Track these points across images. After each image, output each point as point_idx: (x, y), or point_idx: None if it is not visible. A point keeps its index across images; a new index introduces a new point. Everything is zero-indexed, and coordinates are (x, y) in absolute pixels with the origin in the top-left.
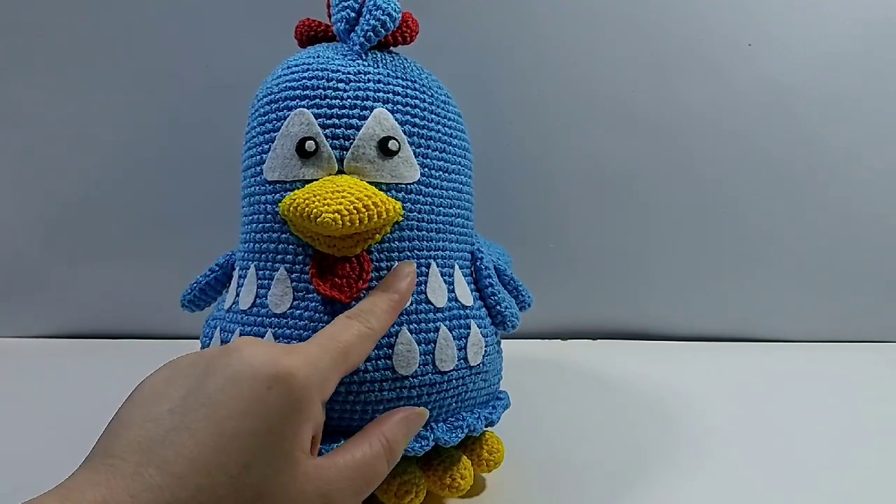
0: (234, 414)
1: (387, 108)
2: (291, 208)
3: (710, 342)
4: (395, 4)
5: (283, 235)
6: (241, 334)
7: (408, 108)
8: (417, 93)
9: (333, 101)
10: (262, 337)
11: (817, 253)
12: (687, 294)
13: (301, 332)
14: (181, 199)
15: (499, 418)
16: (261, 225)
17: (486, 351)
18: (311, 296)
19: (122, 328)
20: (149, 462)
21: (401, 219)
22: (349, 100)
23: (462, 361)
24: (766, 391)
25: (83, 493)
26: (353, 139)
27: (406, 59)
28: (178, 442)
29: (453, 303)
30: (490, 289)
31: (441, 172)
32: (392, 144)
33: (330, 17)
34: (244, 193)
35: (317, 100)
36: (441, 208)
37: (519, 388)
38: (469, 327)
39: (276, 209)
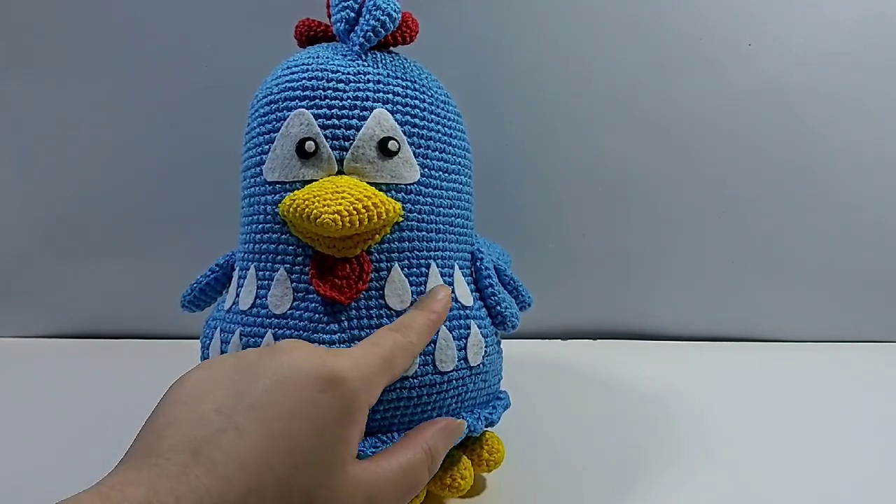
0: (283, 415)
1: (386, 109)
2: (291, 209)
3: (710, 342)
4: (394, 4)
5: (283, 236)
6: (241, 335)
7: (407, 108)
8: (417, 93)
9: (333, 101)
10: (262, 338)
11: (817, 253)
12: (687, 294)
13: (301, 332)
14: (181, 198)
15: (499, 418)
16: (261, 225)
17: (486, 351)
18: (311, 296)
19: (122, 328)
20: (196, 463)
21: (401, 219)
22: (349, 100)
23: (462, 362)
24: (766, 391)
25: (124, 493)
26: (353, 140)
27: (406, 60)
28: (226, 443)
29: (453, 303)
30: (490, 289)
31: (441, 173)
32: (392, 145)
33: (330, 17)
34: (244, 194)
35: (316, 100)
36: (441, 209)
37: (519, 388)
38: (469, 328)
39: (276, 210)
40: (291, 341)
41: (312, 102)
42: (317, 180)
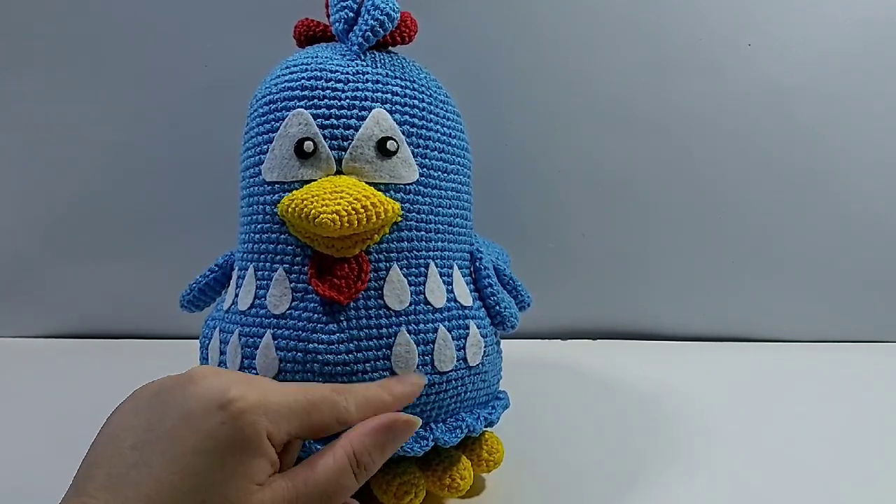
0: (188, 451)
1: (385, 109)
2: (290, 209)
3: (710, 342)
4: (393, 4)
5: (282, 236)
6: (240, 335)
7: (406, 108)
8: (416, 93)
9: (332, 101)
10: (261, 338)
11: (817, 253)
12: (687, 294)
13: (300, 332)
14: (180, 198)
15: (498, 418)
16: (259, 225)
17: (485, 351)
18: (309, 296)
19: (122, 328)
20: (114, 500)
21: (399, 219)
22: (347, 100)
23: (461, 362)
24: (766, 391)
25: None
26: (352, 139)
27: (405, 59)
28: (138, 479)
29: (452, 303)
30: (489, 289)
31: (440, 173)
32: (391, 145)
33: (329, 16)
34: (243, 194)
35: (315, 100)
36: (440, 209)
37: (519, 388)
38: (468, 328)
39: (275, 210)
40: (204, 369)
41: (311, 102)
42: (315, 180)
